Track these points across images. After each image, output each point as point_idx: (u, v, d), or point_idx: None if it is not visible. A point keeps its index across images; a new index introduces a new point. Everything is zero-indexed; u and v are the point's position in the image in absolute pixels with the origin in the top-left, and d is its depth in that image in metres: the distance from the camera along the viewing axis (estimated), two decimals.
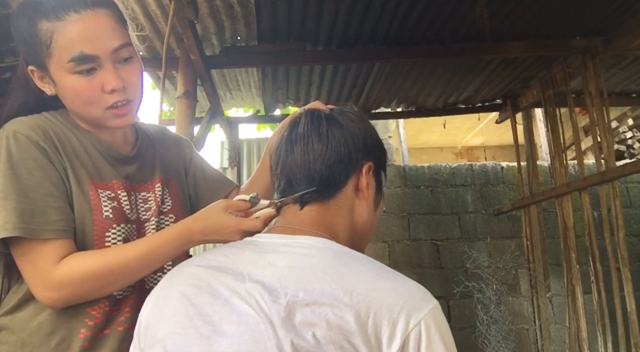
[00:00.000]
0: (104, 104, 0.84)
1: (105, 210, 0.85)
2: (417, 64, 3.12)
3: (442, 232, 3.99)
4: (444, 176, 4.13)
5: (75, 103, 0.85)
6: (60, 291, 0.77)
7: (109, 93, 0.83)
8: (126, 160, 0.94)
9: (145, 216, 0.94)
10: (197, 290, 0.65)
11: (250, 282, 0.63)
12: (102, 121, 0.87)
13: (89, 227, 0.83)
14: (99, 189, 0.86)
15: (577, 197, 2.95)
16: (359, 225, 0.77)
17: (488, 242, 3.94)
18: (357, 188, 0.76)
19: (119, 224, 0.86)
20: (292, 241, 0.69)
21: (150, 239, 0.83)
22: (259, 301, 0.60)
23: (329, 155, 0.73)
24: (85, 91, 0.83)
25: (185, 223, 0.83)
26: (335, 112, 0.79)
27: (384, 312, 0.56)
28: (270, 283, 0.61)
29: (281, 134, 0.80)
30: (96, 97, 0.83)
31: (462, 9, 2.49)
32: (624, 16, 2.65)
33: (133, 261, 0.80)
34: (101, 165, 0.89)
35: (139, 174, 0.95)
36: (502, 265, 3.76)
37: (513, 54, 2.90)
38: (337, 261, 0.64)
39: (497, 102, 3.86)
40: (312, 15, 2.53)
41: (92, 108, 0.85)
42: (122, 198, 0.89)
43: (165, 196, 0.99)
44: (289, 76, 3.27)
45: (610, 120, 2.87)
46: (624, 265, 2.60)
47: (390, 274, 0.63)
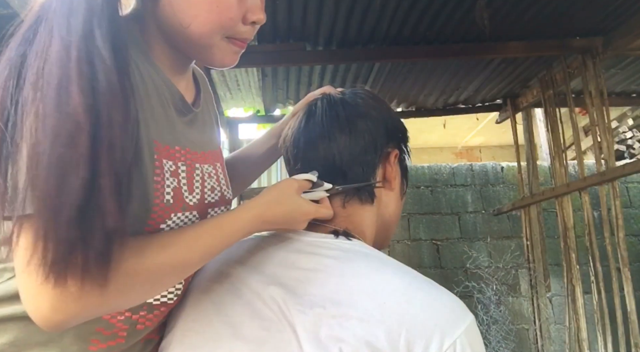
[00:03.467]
0: (233, 33, 0.64)
1: (167, 191, 0.61)
2: (417, 64, 3.12)
3: (442, 232, 3.98)
4: (444, 176, 4.13)
5: (202, 20, 0.61)
6: (102, 297, 0.48)
7: (247, 24, 0.65)
8: (194, 118, 0.70)
9: (211, 198, 0.70)
10: (219, 286, 0.61)
11: (273, 285, 0.59)
12: (213, 53, 0.65)
13: (144, 215, 0.58)
14: (163, 159, 0.61)
15: (577, 197, 2.95)
16: (386, 217, 0.72)
17: (488, 242, 3.94)
18: (385, 178, 0.70)
19: (177, 211, 0.62)
20: (318, 240, 0.65)
21: (215, 227, 0.60)
22: (282, 307, 0.56)
23: (352, 146, 0.67)
24: (231, 10, 0.62)
25: (257, 208, 0.63)
26: (350, 96, 0.72)
27: (417, 329, 0.51)
28: (295, 288, 0.57)
29: (297, 124, 0.72)
30: (235, 22, 0.63)
31: (462, 9, 2.49)
32: (624, 16, 2.65)
33: (197, 258, 0.58)
34: (166, 122, 0.63)
35: (200, 138, 0.71)
36: (502, 265, 3.75)
37: (513, 54, 2.90)
38: (367, 267, 0.59)
39: (497, 102, 3.86)
40: (312, 15, 2.53)
41: (219, 33, 0.63)
42: (180, 173, 0.64)
43: (225, 173, 0.77)
44: (289, 76, 3.27)
45: (610, 120, 2.86)
46: (624, 265, 2.60)
47: (424, 284, 0.58)
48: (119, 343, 0.61)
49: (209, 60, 0.67)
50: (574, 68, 2.98)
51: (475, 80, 3.41)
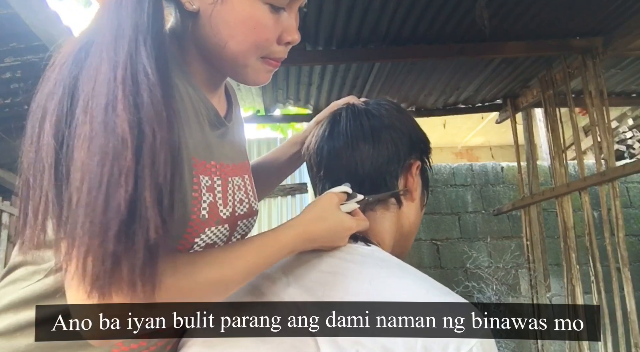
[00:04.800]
0: (267, 53, 0.65)
1: (203, 206, 0.62)
2: (417, 64, 3.12)
3: (442, 232, 3.98)
4: (444, 176, 4.13)
5: (238, 40, 0.62)
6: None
7: (282, 44, 0.65)
8: (226, 131, 0.71)
9: (241, 210, 0.70)
10: (247, 296, 0.62)
11: (293, 287, 0.60)
12: (247, 72, 0.66)
13: (180, 229, 0.59)
14: (200, 175, 0.62)
15: (577, 197, 2.95)
16: (406, 227, 0.73)
17: (488, 242, 3.94)
18: (407, 189, 0.71)
19: (211, 226, 0.63)
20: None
21: (260, 248, 0.60)
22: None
23: (376, 156, 0.68)
24: (268, 31, 0.62)
25: (300, 226, 0.62)
26: (374, 107, 0.73)
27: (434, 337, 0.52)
28: (314, 291, 0.58)
29: (321, 133, 0.73)
30: (270, 43, 0.64)
31: (462, 9, 2.49)
32: (624, 16, 2.65)
33: (241, 276, 0.57)
34: (201, 137, 0.64)
35: (231, 151, 0.72)
36: (502, 265, 3.75)
37: (513, 54, 2.90)
38: (386, 272, 0.59)
39: (497, 102, 3.86)
40: (312, 15, 2.53)
41: (254, 53, 0.64)
42: (216, 188, 0.65)
43: (252, 185, 0.77)
44: (289, 76, 3.27)
45: (610, 120, 2.87)
46: (624, 265, 2.60)
47: (441, 291, 0.58)
48: (141, 346, 0.62)
49: (243, 79, 0.68)
50: (574, 68, 2.98)
51: (475, 80, 3.41)
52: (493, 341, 0.55)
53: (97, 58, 0.50)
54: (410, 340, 0.52)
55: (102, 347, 0.59)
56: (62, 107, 0.50)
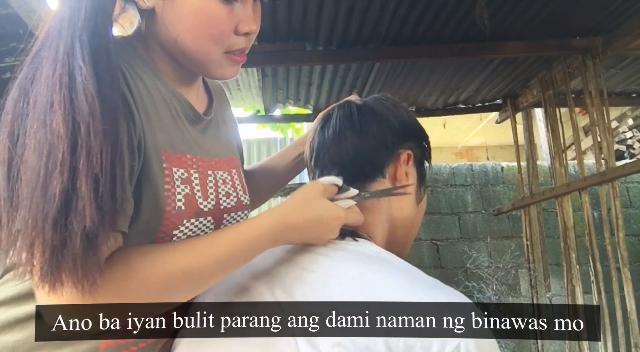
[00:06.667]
0: (228, 46, 0.65)
1: (178, 198, 0.62)
2: (417, 64, 3.12)
3: (442, 232, 3.98)
4: (444, 176, 4.13)
5: (193, 35, 0.63)
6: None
7: (240, 35, 0.65)
8: (207, 126, 0.72)
9: (227, 203, 0.70)
10: (232, 296, 0.61)
11: (276, 286, 0.59)
12: (212, 67, 0.67)
13: (156, 221, 0.59)
14: (173, 167, 0.62)
15: (577, 197, 2.95)
16: (399, 221, 0.70)
17: (488, 242, 3.94)
18: (395, 179, 0.69)
19: (190, 217, 0.63)
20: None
21: (233, 234, 0.58)
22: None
23: (361, 144, 0.67)
24: (221, 23, 0.62)
25: (279, 213, 0.59)
26: (368, 101, 0.73)
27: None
28: (294, 289, 0.57)
29: (315, 128, 0.74)
30: (226, 35, 0.64)
31: (462, 9, 2.49)
32: (624, 16, 2.65)
33: (213, 266, 0.56)
34: (176, 131, 0.65)
35: (214, 146, 0.73)
36: (502, 265, 3.75)
37: (513, 54, 2.90)
38: (369, 269, 0.57)
39: (497, 102, 3.86)
40: (312, 15, 2.53)
41: (215, 48, 0.64)
42: (194, 180, 0.65)
43: (241, 180, 0.77)
44: (289, 76, 3.27)
45: (610, 120, 2.87)
46: (624, 265, 2.60)
47: (427, 284, 0.56)
48: (129, 342, 0.61)
49: (209, 74, 0.69)
50: (574, 68, 2.98)
51: (475, 80, 3.41)
52: (487, 340, 0.52)
53: (44, 58, 0.53)
54: (391, 340, 0.49)
55: (89, 343, 0.59)
56: (19, 107, 0.52)
